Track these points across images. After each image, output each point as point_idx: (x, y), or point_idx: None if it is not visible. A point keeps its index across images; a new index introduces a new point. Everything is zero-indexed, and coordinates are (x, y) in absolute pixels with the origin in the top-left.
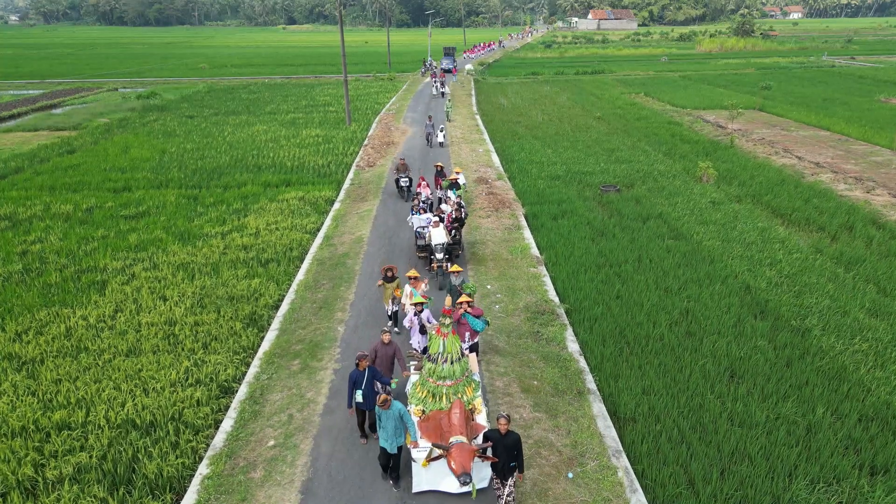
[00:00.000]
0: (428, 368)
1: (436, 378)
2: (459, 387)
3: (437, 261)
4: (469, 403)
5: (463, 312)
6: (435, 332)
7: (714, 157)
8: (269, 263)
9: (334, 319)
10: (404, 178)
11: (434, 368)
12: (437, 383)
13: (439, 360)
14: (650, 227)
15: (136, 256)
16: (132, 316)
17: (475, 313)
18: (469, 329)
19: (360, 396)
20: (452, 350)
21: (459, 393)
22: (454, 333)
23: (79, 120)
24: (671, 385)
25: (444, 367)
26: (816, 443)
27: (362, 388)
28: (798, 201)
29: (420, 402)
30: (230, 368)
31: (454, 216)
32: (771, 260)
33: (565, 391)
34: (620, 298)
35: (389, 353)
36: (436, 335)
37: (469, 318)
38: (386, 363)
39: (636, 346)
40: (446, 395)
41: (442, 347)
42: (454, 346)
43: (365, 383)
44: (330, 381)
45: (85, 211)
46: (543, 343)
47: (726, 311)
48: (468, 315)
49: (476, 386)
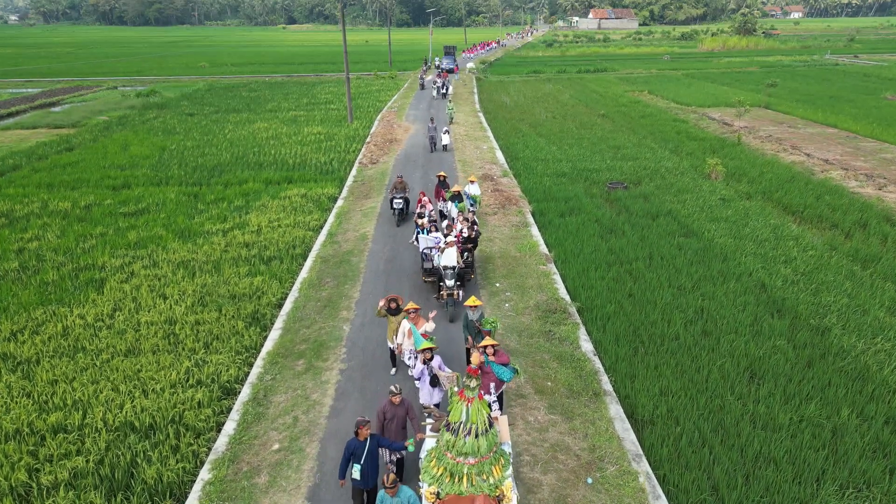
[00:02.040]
0: (446, 441)
1: (455, 453)
2: (485, 465)
3: (448, 288)
4: (496, 488)
5: (486, 359)
6: (458, 396)
7: (722, 154)
8: (272, 261)
9: (339, 318)
10: (399, 198)
11: (454, 441)
12: (457, 460)
13: (461, 431)
14: (660, 224)
15: (136, 254)
16: (131, 315)
17: (501, 360)
18: (494, 379)
19: (358, 473)
20: (478, 420)
21: (485, 473)
22: (481, 398)
23: (78, 118)
24: (689, 386)
25: (466, 440)
26: (843, 446)
27: (361, 463)
28: (809, 198)
29: (434, 480)
30: (232, 369)
31: (465, 235)
32: (785, 257)
33: (580, 392)
34: (633, 297)
35: (401, 414)
36: (458, 399)
37: (494, 367)
38: (397, 426)
39: (651, 345)
40: (468, 475)
41: (465, 416)
42: (481, 414)
43: (365, 456)
44: (336, 382)
45: (83, 208)
46: (556, 342)
47: (742, 310)
48: (492, 362)
49: (506, 462)
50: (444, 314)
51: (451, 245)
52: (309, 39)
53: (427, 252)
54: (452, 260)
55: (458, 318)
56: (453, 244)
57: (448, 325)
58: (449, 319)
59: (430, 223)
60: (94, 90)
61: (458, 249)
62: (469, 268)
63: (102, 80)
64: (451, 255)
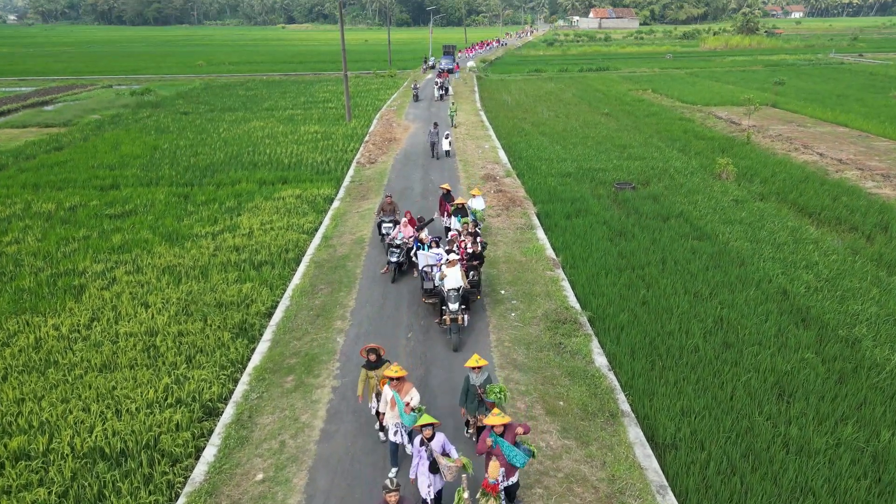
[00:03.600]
0: None
1: None
2: None
3: (451, 313)
4: None
5: (495, 438)
6: None
7: (731, 154)
8: (263, 266)
9: (333, 329)
10: (388, 222)
11: None
12: None
13: None
14: (672, 226)
15: (119, 259)
16: (109, 325)
17: (514, 435)
18: (504, 462)
19: None
20: None
21: None
22: None
23: (69, 116)
24: (713, 405)
25: None
26: (888, 474)
27: None
28: (826, 199)
29: None
30: (215, 386)
31: (470, 250)
32: (806, 262)
33: (596, 413)
34: (647, 304)
35: None
36: None
37: (504, 446)
38: None
39: (669, 358)
40: None
41: None
42: None
43: None
44: (328, 402)
45: (68, 210)
46: (567, 356)
47: (765, 319)
48: (501, 441)
49: None
50: (446, 342)
51: (453, 264)
52: (308, 38)
53: (427, 270)
54: (456, 281)
55: (462, 347)
56: (455, 263)
57: (452, 360)
58: (453, 348)
59: (433, 239)
60: (88, 89)
61: (463, 268)
62: (475, 287)
63: (97, 78)
64: (454, 277)
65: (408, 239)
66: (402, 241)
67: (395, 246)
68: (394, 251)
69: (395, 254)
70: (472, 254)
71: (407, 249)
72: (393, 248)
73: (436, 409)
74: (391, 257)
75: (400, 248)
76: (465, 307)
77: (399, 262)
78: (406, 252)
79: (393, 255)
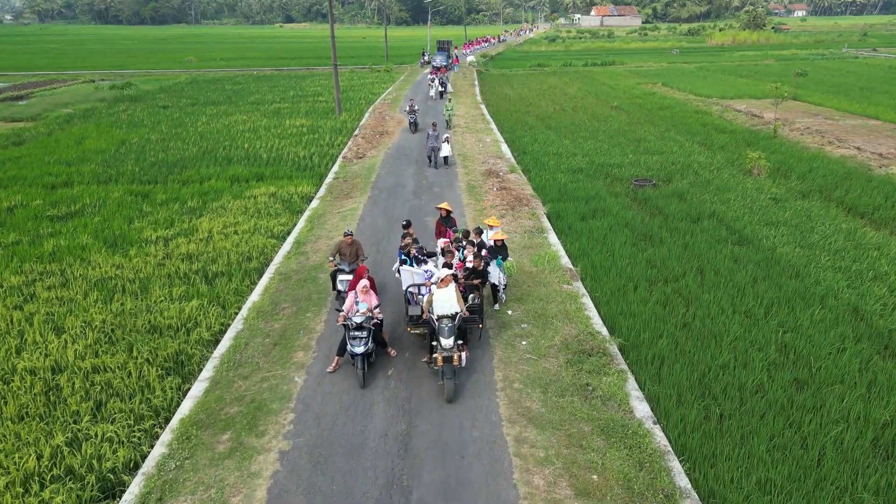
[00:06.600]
0: None
1: None
2: None
3: (444, 350)
4: None
5: None
6: None
7: (760, 148)
8: (218, 278)
9: (291, 364)
10: (348, 272)
11: None
12: None
13: None
14: (705, 229)
15: (45, 269)
16: (7, 358)
17: None
18: None
19: None
20: None
21: None
22: None
23: (39, 110)
24: (798, 473)
25: None
26: None
27: None
28: (878, 198)
29: None
30: (123, 449)
31: (470, 265)
32: (874, 272)
33: (644, 493)
34: (689, 328)
35: None
36: None
37: None
38: None
39: (728, 402)
40: None
41: None
42: None
43: None
44: (272, 475)
45: (6, 211)
46: (598, 404)
47: (840, 347)
48: None
49: None
50: (437, 389)
51: (446, 283)
52: (304, 35)
53: (413, 292)
54: (451, 306)
55: (458, 396)
56: (449, 281)
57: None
58: (446, 399)
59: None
60: (68, 84)
61: (460, 288)
62: (477, 314)
63: (81, 73)
64: (448, 299)
65: (373, 311)
66: (367, 316)
67: (358, 327)
68: (357, 337)
69: (359, 341)
70: (471, 270)
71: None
72: (355, 333)
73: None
74: (354, 347)
75: (366, 330)
76: (462, 342)
77: (368, 353)
78: (372, 334)
79: (357, 345)
